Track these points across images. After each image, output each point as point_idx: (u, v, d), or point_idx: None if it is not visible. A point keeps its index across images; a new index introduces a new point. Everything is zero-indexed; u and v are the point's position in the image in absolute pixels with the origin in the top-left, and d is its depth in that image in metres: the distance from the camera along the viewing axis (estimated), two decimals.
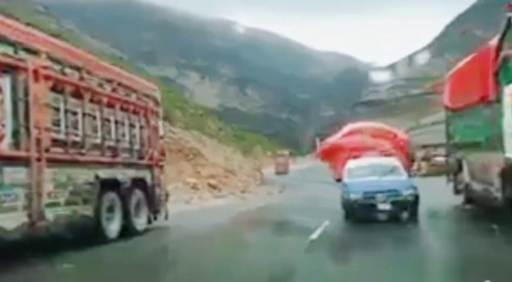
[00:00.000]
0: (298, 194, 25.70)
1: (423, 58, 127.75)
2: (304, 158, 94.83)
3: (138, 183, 10.25)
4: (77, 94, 8.50)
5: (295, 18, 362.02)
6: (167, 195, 12.26)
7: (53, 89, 7.90)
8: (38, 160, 7.27)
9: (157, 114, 11.80)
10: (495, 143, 9.73)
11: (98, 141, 9.06)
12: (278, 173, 56.36)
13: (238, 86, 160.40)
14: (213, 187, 26.57)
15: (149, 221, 10.87)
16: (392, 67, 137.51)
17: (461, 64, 13.50)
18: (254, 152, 65.98)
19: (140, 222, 10.32)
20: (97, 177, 8.84)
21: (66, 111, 8.12)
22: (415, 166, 43.67)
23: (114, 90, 9.89)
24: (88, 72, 8.94)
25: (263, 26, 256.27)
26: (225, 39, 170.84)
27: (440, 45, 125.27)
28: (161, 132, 12.25)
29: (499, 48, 9.75)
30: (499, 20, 10.27)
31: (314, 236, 9.35)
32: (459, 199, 13.54)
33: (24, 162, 7.17)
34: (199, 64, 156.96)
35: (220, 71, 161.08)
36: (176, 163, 27.66)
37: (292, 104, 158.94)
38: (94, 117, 9.04)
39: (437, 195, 15.03)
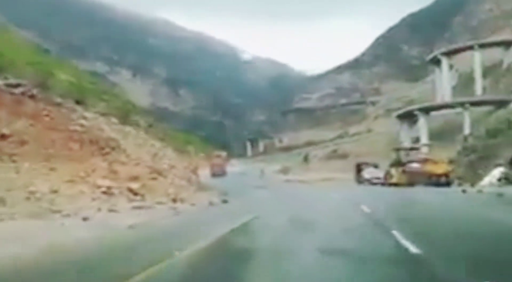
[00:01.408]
0: (250, 204, 18.02)
1: (352, 68, 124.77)
2: (236, 161, 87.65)
3: None
4: None
5: (233, 23, 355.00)
6: None
7: None
8: None
9: None
10: None
11: None
12: (214, 175, 49.40)
13: (171, 87, 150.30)
14: (135, 193, 17.90)
15: None
16: (323, 76, 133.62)
17: None
18: (186, 152, 57.49)
19: None
20: None
21: None
22: (380, 174, 37.08)
23: None
24: None
25: (200, 28, 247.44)
26: (162, 39, 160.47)
27: (369, 56, 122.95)
28: None
29: None
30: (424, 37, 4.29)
31: None
32: None
33: None
34: (132, 62, 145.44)
35: (154, 71, 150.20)
36: (86, 158, 18.85)
37: (224, 108, 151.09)
38: None
39: None
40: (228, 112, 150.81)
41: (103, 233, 8.83)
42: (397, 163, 32.26)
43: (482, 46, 70.33)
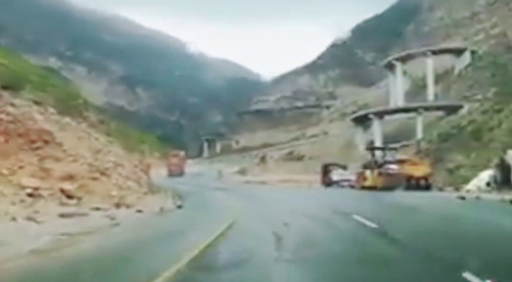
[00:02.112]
0: (210, 211, 14.45)
1: (309, 72, 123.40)
2: (193, 161, 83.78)
3: None
4: None
5: (193, 23, 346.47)
6: None
7: None
8: None
9: None
10: None
11: None
12: (171, 175, 46.01)
13: (128, 85, 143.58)
14: (69, 195, 14.21)
15: None
16: (280, 78, 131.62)
17: None
18: (140, 151, 53.31)
19: None
20: None
21: None
22: (350, 176, 33.89)
23: None
24: None
25: (160, 28, 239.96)
26: (121, 36, 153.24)
27: (325, 60, 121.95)
28: None
29: None
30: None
31: None
32: None
33: None
34: (87, 58, 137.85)
35: (110, 68, 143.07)
36: (11, 153, 15.01)
37: (181, 107, 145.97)
38: None
39: None
40: (185, 112, 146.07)
41: None
42: (372, 164, 28.35)
43: (435, 52, 70.34)
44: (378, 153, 30.23)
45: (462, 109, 61.11)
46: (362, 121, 72.03)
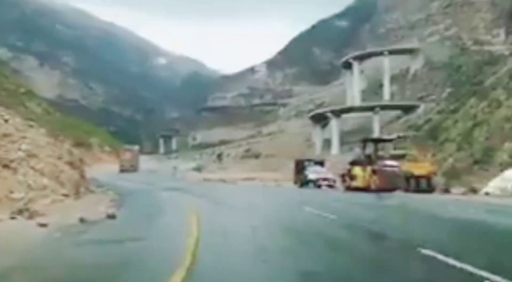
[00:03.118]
0: (159, 229, 9.03)
1: (266, 69, 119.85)
2: (147, 157, 77.94)
3: None
4: None
5: (150, 18, 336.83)
6: None
7: None
8: None
9: None
10: None
11: None
12: (123, 171, 41.45)
13: (82, 78, 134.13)
14: None
15: None
16: (238, 75, 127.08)
17: None
18: (87, 145, 47.50)
19: None
20: None
21: None
22: (329, 174, 27.94)
23: None
24: None
25: (117, 21, 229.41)
26: (75, 28, 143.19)
27: (282, 59, 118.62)
28: None
29: None
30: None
31: None
32: None
33: None
34: (39, 49, 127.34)
35: (63, 60, 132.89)
36: None
37: (137, 103, 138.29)
38: None
39: None
40: (141, 108, 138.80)
41: None
42: (365, 160, 21.74)
43: (392, 52, 68.38)
44: (371, 146, 22.93)
45: (418, 109, 59.29)
46: (320, 119, 69.07)
